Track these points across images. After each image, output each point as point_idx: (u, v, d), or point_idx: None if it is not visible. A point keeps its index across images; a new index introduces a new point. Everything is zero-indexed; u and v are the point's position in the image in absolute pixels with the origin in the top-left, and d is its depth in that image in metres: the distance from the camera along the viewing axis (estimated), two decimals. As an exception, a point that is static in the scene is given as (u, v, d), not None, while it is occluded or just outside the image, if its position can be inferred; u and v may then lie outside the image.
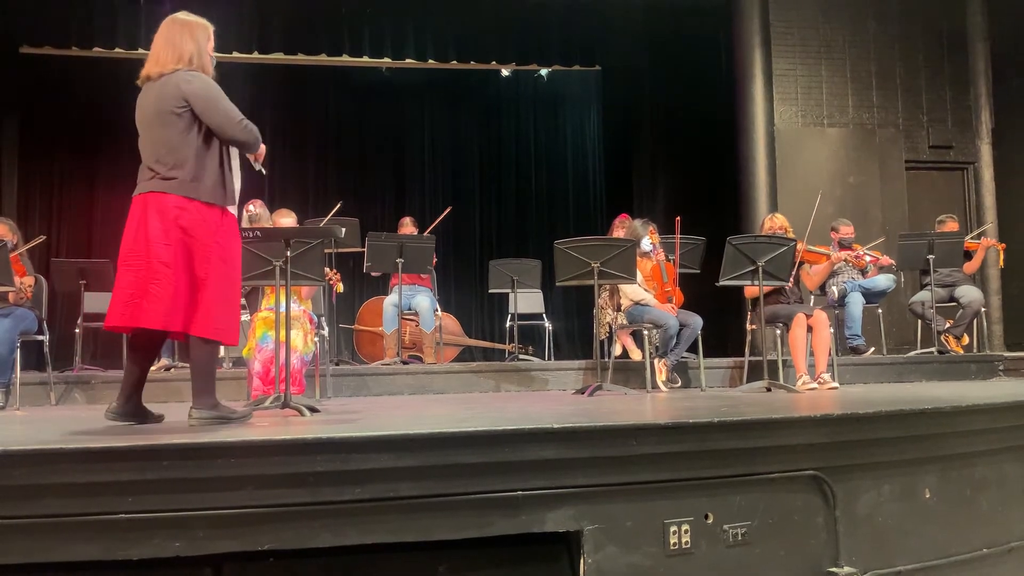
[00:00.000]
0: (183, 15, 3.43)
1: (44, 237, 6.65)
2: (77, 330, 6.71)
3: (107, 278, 6.64)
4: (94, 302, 6.92)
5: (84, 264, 6.81)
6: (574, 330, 10.69)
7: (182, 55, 3.31)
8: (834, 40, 8.67)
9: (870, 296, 6.80)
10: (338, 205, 6.62)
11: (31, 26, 9.09)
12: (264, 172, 3.67)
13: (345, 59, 9.87)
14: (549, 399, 4.89)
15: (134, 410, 3.27)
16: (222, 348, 6.80)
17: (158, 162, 3.19)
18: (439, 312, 7.08)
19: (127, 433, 2.79)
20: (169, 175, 3.17)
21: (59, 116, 9.92)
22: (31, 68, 9.55)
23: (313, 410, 3.80)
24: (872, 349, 6.69)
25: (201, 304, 3.16)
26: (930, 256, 6.62)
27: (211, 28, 3.47)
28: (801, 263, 5.97)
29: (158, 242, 3.11)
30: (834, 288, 6.75)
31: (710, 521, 2.75)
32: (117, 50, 9.37)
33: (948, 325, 6.82)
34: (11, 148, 9.56)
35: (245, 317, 5.45)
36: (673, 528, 2.68)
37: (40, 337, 5.35)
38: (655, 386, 5.52)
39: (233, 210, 3.38)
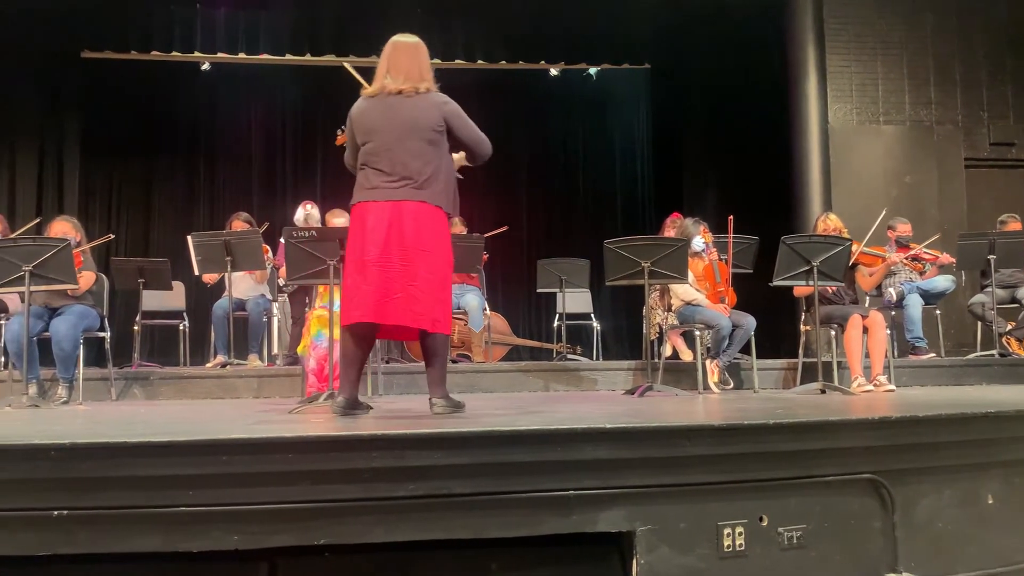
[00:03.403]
0: (413, 38, 3.66)
1: (112, 236, 6.80)
2: (136, 327, 6.88)
3: (164, 277, 6.81)
4: (152, 300, 7.10)
5: (143, 263, 6.96)
6: (622, 330, 10.62)
7: (425, 75, 3.55)
8: (890, 35, 8.48)
9: (928, 297, 6.65)
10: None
11: (92, 31, 9.36)
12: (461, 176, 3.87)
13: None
14: (599, 399, 4.88)
15: (357, 402, 3.50)
16: (275, 346, 6.96)
17: (414, 172, 3.42)
18: (488, 311, 7.10)
19: (187, 429, 2.86)
20: (424, 185, 3.41)
21: (118, 118, 10.16)
22: (92, 71, 9.81)
23: (366, 407, 3.84)
24: (932, 354, 6.54)
25: (437, 302, 3.41)
26: (991, 256, 6.44)
27: None
28: (855, 264, 5.86)
29: (417, 249, 3.36)
30: (891, 289, 6.61)
31: (764, 523, 2.71)
32: (174, 53, 9.60)
33: (1010, 327, 6.64)
34: (73, 149, 9.86)
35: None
36: (727, 530, 2.65)
37: (102, 334, 5.49)
38: (707, 387, 5.46)
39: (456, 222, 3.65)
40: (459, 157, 3.74)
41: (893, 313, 6.61)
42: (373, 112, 3.51)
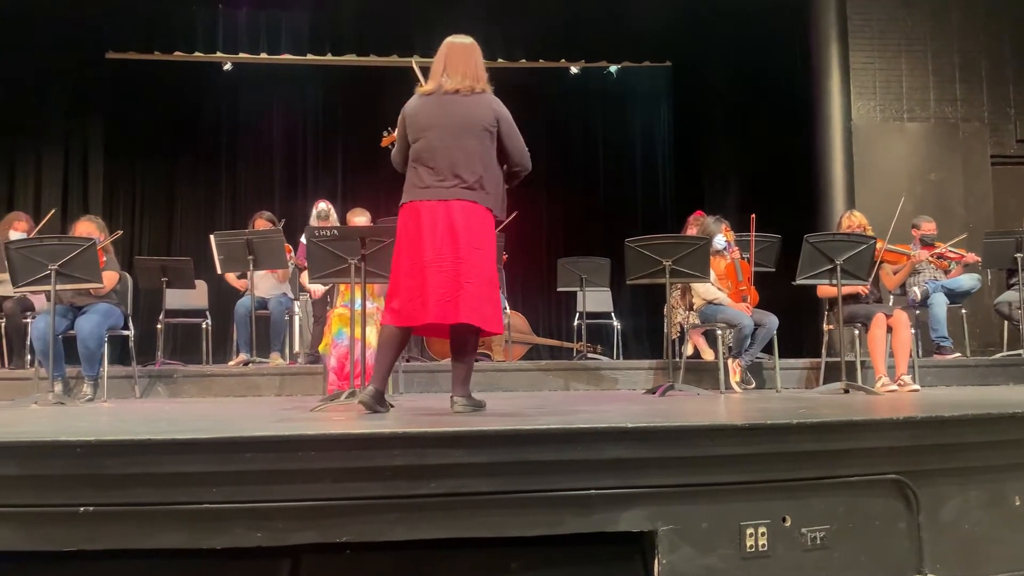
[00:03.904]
0: (468, 39, 3.70)
1: (121, 232, 6.80)
2: (159, 326, 6.94)
3: (187, 276, 6.86)
4: (175, 298, 7.16)
5: (166, 262, 7.03)
6: (642, 329, 10.60)
7: (481, 76, 3.58)
8: (915, 32, 8.39)
9: (953, 296, 6.57)
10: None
11: (116, 32, 9.45)
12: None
13: (416, 59, 9.95)
14: (620, 398, 4.87)
15: (383, 395, 3.53)
16: (297, 345, 7.00)
17: (467, 171, 3.44)
18: (508, 310, 7.09)
19: (211, 426, 2.87)
20: (476, 185, 3.44)
21: (142, 118, 10.26)
22: (116, 72, 9.91)
23: (388, 405, 3.85)
24: (957, 354, 6.46)
25: (488, 301, 3.43)
26: (1018, 255, 6.36)
27: None
28: (880, 263, 5.80)
29: (471, 247, 3.39)
30: (915, 288, 6.54)
31: (787, 524, 2.69)
32: (196, 54, 9.68)
33: (1037, 327, 6.55)
34: (97, 148, 9.99)
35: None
36: (750, 530, 2.63)
37: (126, 332, 5.55)
38: (728, 387, 5.43)
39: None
40: None
41: (918, 312, 6.54)
42: (428, 109, 3.52)
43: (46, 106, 9.66)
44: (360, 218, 6.09)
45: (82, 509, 2.29)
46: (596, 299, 7.82)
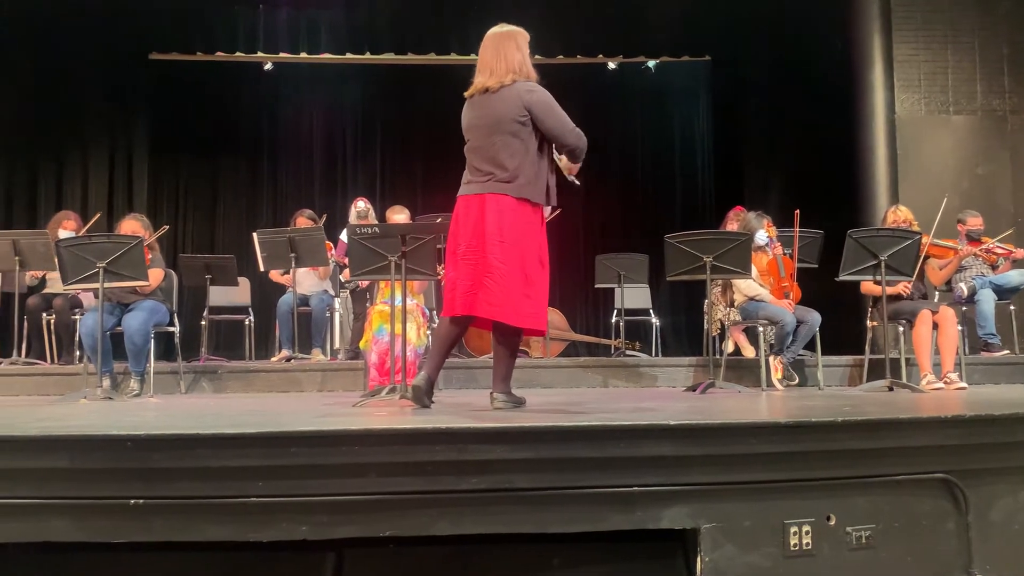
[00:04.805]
0: (505, 27, 3.71)
1: (167, 227, 6.87)
2: (203, 322, 7.05)
3: (231, 273, 6.95)
4: (218, 295, 7.26)
5: (209, 259, 7.14)
6: (681, 326, 10.52)
7: (512, 65, 3.57)
8: (961, 22, 8.19)
9: (1002, 292, 6.42)
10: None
11: (160, 34, 9.61)
12: (578, 183, 3.89)
13: (453, 57, 9.99)
14: (660, 396, 4.84)
15: (432, 384, 3.59)
16: (338, 341, 7.06)
17: (498, 166, 3.48)
18: (546, 307, 7.08)
19: (256, 421, 2.92)
20: (507, 178, 3.46)
21: (185, 117, 10.41)
22: (160, 73, 10.07)
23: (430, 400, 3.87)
24: (1006, 351, 6.32)
25: (515, 296, 3.43)
26: (1069, 250, 6.21)
27: (528, 36, 3.72)
28: (926, 258, 5.69)
29: (494, 240, 3.42)
30: (962, 284, 6.40)
31: (832, 523, 2.66)
32: (237, 54, 9.81)
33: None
34: (142, 148, 10.16)
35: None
36: (793, 529, 2.61)
37: (171, 329, 5.64)
38: (770, 384, 5.38)
39: (547, 210, 3.67)
40: (564, 163, 3.72)
41: (964, 309, 6.40)
42: (468, 111, 3.62)
43: (92, 107, 9.86)
44: (399, 216, 6.14)
45: (132, 502, 2.34)
46: (634, 295, 7.78)
